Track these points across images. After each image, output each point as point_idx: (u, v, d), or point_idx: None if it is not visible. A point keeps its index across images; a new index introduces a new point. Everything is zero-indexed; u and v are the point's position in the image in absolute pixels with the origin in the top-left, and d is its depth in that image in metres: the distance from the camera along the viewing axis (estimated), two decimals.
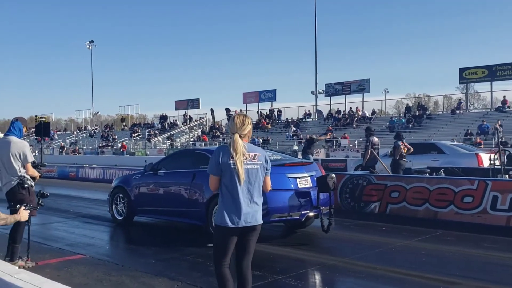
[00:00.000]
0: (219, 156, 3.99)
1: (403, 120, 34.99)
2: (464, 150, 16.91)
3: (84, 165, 22.66)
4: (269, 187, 4.32)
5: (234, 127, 4.03)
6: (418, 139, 26.87)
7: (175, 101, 53.03)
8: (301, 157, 20.24)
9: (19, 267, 4.35)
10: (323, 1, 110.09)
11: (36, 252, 6.69)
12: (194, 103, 51.26)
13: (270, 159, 4.26)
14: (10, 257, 6.02)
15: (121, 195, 9.70)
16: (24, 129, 6.46)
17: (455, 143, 19.16)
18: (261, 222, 4.14)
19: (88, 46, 59.58)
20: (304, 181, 7.89)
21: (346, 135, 34.19)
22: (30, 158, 6.19)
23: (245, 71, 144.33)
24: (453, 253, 6.91)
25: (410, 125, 33.81)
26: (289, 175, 7.75)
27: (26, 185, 6.15)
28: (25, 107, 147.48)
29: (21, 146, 6.14)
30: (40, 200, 5.58)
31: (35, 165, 6.36)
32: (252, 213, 4.02)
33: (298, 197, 7.67)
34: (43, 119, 20.62)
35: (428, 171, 12.06)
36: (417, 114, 35.54)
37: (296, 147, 32.69)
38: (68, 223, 10.04)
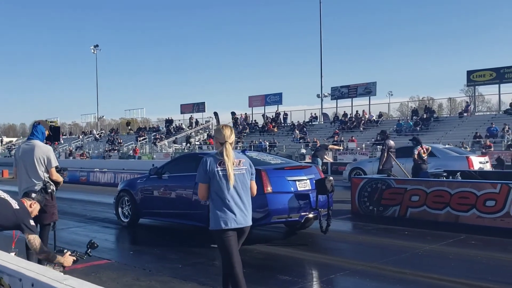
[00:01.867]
0: (207, 165, 4.31)
1: (411, 123, 34.90)
2: (455, 153, 17.17)
3: (95, 169, 22.66)
4: (254, 191, 4.66)
5: (224, 137, 4.36)
6: (426, 142, 26.78)
7: (181, 105, 53.09)
8: (311, 160, 20.33)
9: None
10: (328, 5, 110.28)
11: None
12: (200, 107, 51.29)
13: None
14: (39, 263, 5.98)
15: (126, 198, 9.92)
16: (46, 132, 6.41)
17: (446, 146, 19.28)
18: (251, 223, 4.47)
19: (93, 50, 59.67)
20: (303, 183, 8.14)
21: (353, 138, 34.13)
22: (55, 162, 6.12)
23: (251, 74, 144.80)
24: (481, 257, 6.86)
25: (418, 128, 33.72)
26: (289, 178, 8.02)
27: (49, 190, 6.09)
28: (29, 111, 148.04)
29: (45, 150, 6.07)
30: (89, 250, 5.38)
31: (58, 170, 6.32)
32: (243, 215, 4.37)
33: (297, 199, 7.91)
34: (53, 123, 20.58)
35: (445, 174, 12.00)
36: (425, 117, 35.45)
37: (303, 150, 32.67)
38: (87, 227, 10.02)
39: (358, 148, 31.58)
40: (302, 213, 7.93)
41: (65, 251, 4.70)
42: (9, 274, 3.83)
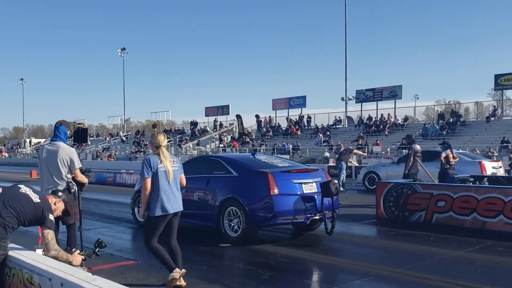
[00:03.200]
0: (151, 163, 5.47)
1: (437, 127, 34.41)
2: (468, 158, 16.92)
3: (121, 171, 22.98)
4: (184, 182, 5.95)
5: (158, 141, 5.53)
6: (452, 146, 26.34)
7: (205, 108, 53.39)
8: (335, 164, 20.27)
9: None
10: (353, 9, 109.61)
11: (88, 258, 6.77)
12: (224, 110, 51.49)
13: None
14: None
15: None
16: (68, 132, 6.44)
17: (459, 151, 18.94)
18: (182, 208, 5.74)
19: (120, 54, 60.45)
20: (310, 186, 8.34)
21: (378, 142, 33.81)
22: (78, 164, 6.17)
23: (275, 78, 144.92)
24: (509, 264, 6.74)
25: (444, 132, 33.23)
26: (295, 181, 8.26)
27: (72, 190, 6.18)
28: (57, 113, 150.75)
29: (69, 152, 6.13)
30: (97, 249, 5.30)
31: (82, 171, 6.38)
32: (177, 202, 5.66)
33: (303, 202, 8.13)
34: (81, 125, 20.96)
35: (471, 180, 11.81)
36: (451, 121, 34.91)
37: (327, 154, 32.48)
38: (113, 228, 10.18)
39: (383, 152, 31.24)
40: (308, 215, 8.16)
41: (73, 250, 4.80)
42: (39, 274, 3.93)
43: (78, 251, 4.71)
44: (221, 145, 43.87)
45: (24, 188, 4.54)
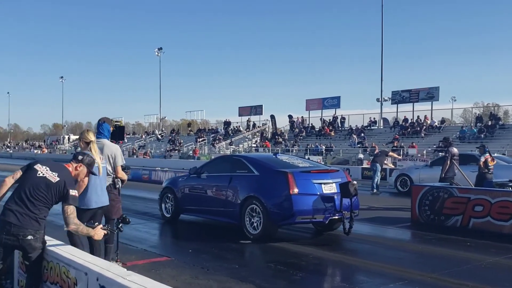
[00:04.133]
0: None
1: (475, 130, 33.55)
2: (503, 162, 16.37)
3: (157, 168, 23.30)
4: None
5: (90, 138, 5.62)
6: (491, 150, 25.63)
7: (239, 108, 53.58)
8: (370, 166, 20.01)
9: None
10: (390, 10, 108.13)
11: (123, 253, 6.85)
12: (257, 110, 51.55)
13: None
14: (104, 257, 6.23)
15: (169, 195, 10.58)
16: (111, 129, 6.61)
17: (495, 155, 18.31)
18: (107, 203, 5.81)
19: (157, 53, 61.26)
20: (329, 187, 8.47)
21: (414, 144, 33.22)
22: (121, 161, 6.34)
23: (309, 79, 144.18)
24: None
25: (482, 135, 32.36)
26: (315, 181, 8.40)
27: (118, 186, 6.34)
28: (95, 110, 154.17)
29: (114, 149, 6.29)
30: (120, 225, 5.54)
31: (122, 168, 6.53)
32: (104, 197, 5.76)
33: (322, 201, 8.26)
34: (118, 123, 21.32)
35: (511, 184, 11.46)
36: (489, 124, 33.98)
37: (361, 155, 32.09)
38: (148, 224, 10.34)
39: (419, 155, 30.66)
40: (327, 215, 8.28)
41: (96, 224, 4.73)
42: (75, 268, 4.02)
43: (101, 225, 4.65)
44: (253, 145, 43.95)
45: (40, 170, 4.32)
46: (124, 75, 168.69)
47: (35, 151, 66.07)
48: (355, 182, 8.51)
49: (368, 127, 41.50)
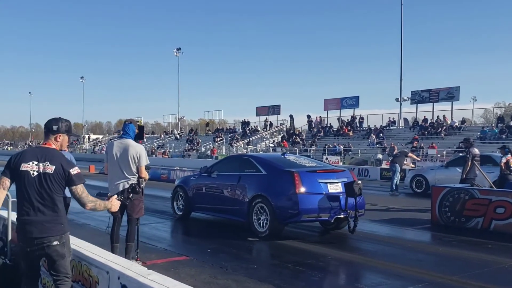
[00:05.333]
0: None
1: (496, 131, 33.02)
2: None
3: (175, 168, 23.45)
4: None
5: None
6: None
7: (257, 107, 53.64)
8: (389, 166, 19.86)
9: None
10: (410, 9, 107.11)
11: (143, 252, 6.93)
12: (275, 109, 51.55)
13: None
14: (125, 255, 6.30)
15: (180, 193, 10.86)
16: (136, 131, 6.71)
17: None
18: None
19: (175, 53, 61.63)
20: (335, 186, 8.66)
21: (433, 144, 32.86)
22: (145, 161, 6.45)
23: (327, 78, 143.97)
24: None
25: (503, 136, 31.84)
26: (320, 180, 8.60)
27: (142, 185, 6.42)
28: (115, 110, 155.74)
29: (138, 149, 6.41)
30: (131, 195, 5.87)
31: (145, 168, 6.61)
32: None
33: (328, 200, 8.45)
34: (138, 123, 21.48)
35: None
36: (511, 124, 33.41)
37: (380, 156, 31.84)
38: (167, 223, 10.43)
39: (439, 155, 30.31)
40: (332, 214, 8.46)
41: (109, 194, 4.77)
42: (97, 266, 4.08)
43: (115, 196, 4.58)
44: (271, 145, 43.94)
45: (30, 168, 3.88)
46: (144, 75, 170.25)
47: None
48: (360, 181, 8.66)
49: (387, 127, 41.16)
